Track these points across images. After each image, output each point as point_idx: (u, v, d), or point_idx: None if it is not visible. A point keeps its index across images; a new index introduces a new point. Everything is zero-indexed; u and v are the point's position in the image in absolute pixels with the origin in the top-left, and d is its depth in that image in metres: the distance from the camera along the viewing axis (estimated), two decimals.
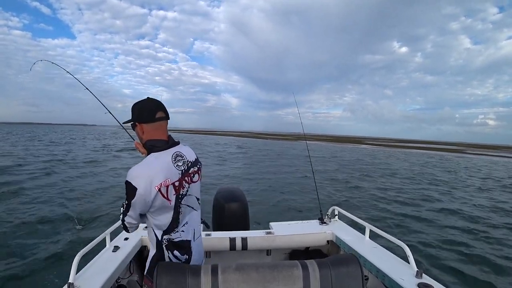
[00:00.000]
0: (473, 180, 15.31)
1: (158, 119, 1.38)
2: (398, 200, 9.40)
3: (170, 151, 1.37)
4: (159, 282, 1.28)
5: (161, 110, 1.40)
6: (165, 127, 1.42)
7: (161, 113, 1.40)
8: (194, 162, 1.46)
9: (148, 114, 1.37)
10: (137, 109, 1.39)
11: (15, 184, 9.18)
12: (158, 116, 1.38)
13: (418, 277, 1.76)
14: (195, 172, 1.45)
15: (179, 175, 1.36)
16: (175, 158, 1.36)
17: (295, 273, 1.34)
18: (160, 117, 1.39)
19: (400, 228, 6.74)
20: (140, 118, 1.38)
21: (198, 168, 1.49)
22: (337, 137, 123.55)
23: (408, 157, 31.61)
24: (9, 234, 5.17)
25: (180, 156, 1.39)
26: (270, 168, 16.56)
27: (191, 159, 1.44)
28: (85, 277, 1.75)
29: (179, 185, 1.35)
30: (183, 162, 1.39)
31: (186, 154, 1.43)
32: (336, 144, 58.22)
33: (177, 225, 1.40)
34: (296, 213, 7.47)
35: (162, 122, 1.40)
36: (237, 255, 2.61)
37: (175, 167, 1.35)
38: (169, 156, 1.36)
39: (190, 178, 1.42)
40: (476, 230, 6.80)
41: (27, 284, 3.69)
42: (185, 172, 1.39)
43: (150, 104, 1.40)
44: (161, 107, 1.40)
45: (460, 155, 41.00)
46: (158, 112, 1.38)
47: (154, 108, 1.38)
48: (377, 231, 2.26)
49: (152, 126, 1.38)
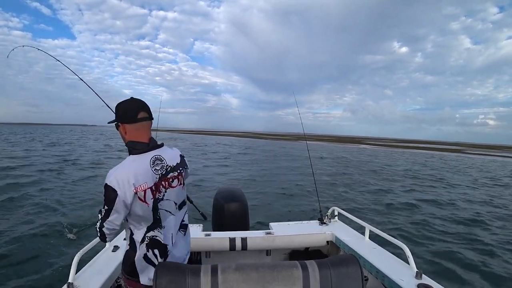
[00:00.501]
0: (477, 179, 15.32)
1: (140, 119, 1.37)
2: (398, 200, 9.39)
3: (149, 154, 1.36)
4: (159, 282, 1.28)
5: (144, 111, 1.39)
6: (147, 128, 1.41)
7: (144, 113, 1.38)
8: (174, 167, 1.43)
9: (131, 114, 1.36)
10: (120, 109, 1.38)
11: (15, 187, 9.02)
12: (140, 116, 1.37)
13: (418, 278, 1.76)
14: (174, 177, 1.42)
15: (156, 179, 1.35)
16: (153, 162, 1.35)
17: (294, 274, 1.34)
18: (143, 117, 1.37)
19: (400, 228, 6.74)
20: (122, 118, 1.37)
21: (179, 173, 1.45)
22: (338, 137, 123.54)
23: (408, 156, 31.61)
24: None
25: (159, 160, 1.37)
26: (271, 168, 16.58)
27: (171, 163, 1.42)
28: (84, 277, 1.76)
29: (155, 189, 1.34)
30: (162, 166, 1.37)
31: (166, 158, 1.40)
32: (336, 144, 58.20)
33: (155, 229, 1.40)
34: (296, 213, 7.46)
35: (144, 122, 1.38)
36: (237, 255, 2.60)
37: (153, 171, 1.34)
38: (148, 159, 1.35)
39: (168, 183, 1.40)
40: (476, 231, 6.80)
41: (27, 284, 3.68)
42: (162, 177, 1.37)
43: (133, 104, 1.39)
44: (144, 107, 1.40)
45: (460, 155, 41.04)
46: (141, 112, 1.37)
47: (136, 108, 1.37)
48: (377, 232, 2.27)
49: (135, 126, 1.36)
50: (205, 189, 9.39)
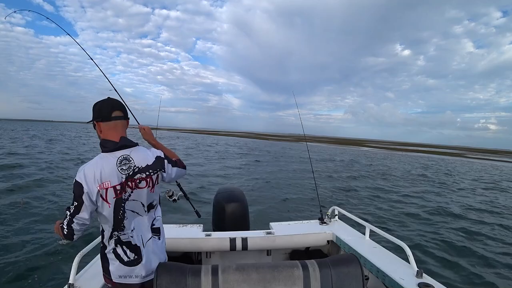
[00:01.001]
0: (476, 182, 15.29)
1: (114, 118, 1.39)
2: (399, 201, 9.37)
3: (117, 153, 1.36)
4: (159, 282, 1.28)
5: (118, 110, 1.42)
6: (121, 127, 1.43)
7: (118, 112, 1.41)
8: (143, 168, 1.40)
9: (105, 113, 1.39)
10: (96, 108, 1.41)
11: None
12: (114, 115, 1.39)
13: (419, 277, 1.76)
14: (142, 178, 1.40)
15: (122, 179, 1.34)
16: (120, 162, 1.35)
17: (295, 273, 1.35)
18: (117, 116, 1.40)
19: (400, 228, 6.73)
20: (97, 117, 1.40)
21: (148, 176, 1.41)
22: (338, 139, 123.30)
23: (409, 160, 31.48)
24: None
25: (127, 160, 1.36)
26: (271, 168, 16.55)
27: (140, 164, 1.39)
28: (85, 277, 1.76)
29: (120, 189, 1.34)
30: (129, 166, 1.36)
31: (135, 158, 1.39)
32: (337, 146, 58.04)
33: (123, 229, 1.39)
34: (296, 213, 7.45)
35: (118, 121, 1.41)
36: (237, 256, 2.60)
37: (119, 170, 1.34)
38: (115, 158, 1.35)
39: (135, 184, 1.38)
40: (476, 231, 6.81)
41: (27, 285, 3.65)
42: (129, 177, 1.36)
43: (107, 103, 1.42)
44: (118, 107, 1.43)
45: (461, 159, 40.95)
46: (115, 111, 1.40)
47: (111, 107, 1.40)
48: (377, 231, 2.27)
49: (108, 125, 1.39)
50: (205, 189, 9.39)
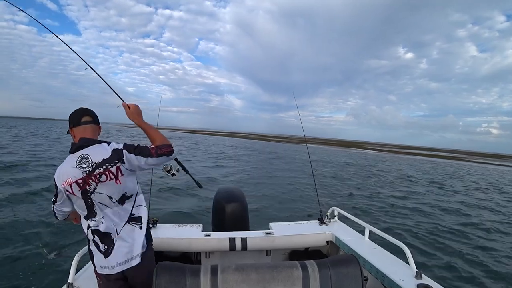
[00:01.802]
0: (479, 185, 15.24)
1: (83, 123, 1.58)
2: (401, 204, 9.33)
3: (78, 153, 1.51)
4: (159, 282, 1.29)
5: (88, 115, 1.61)
6: (90, 131, 1.58)
7: (87, 118, 1.60)
8: (100, 163, 1.49)
9: (75, 119, 1.58)
10: (69, 117, 1.60)
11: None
12: (83, 120, 1.58)
13: (418, 278, 1.76)
14: (101, 172, 1.49)
15: (83, 174, 1.48)
16: (80, 160, 1.49)
17: (294, 274, 1.35)
18: (86, 121, 1.59)
19: (401, 229, 6.74)
20: (70, 124, 1.59)
21: (106, 169, 1.50)
22: (340, 142, 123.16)
23: (412, 163, 31.38)
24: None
25: (85, 158, 1.49)
26: (272, 168, 16.58)
27: (97, 160, 1.49)
28: (84, 277, 1.78)
29: (83, 183, 1.48)
30: (88, 164, 1.49)
31: (92, 155, 1.50)
32: (338, 148, 57.90)
33: (95, 215, 1.54)
34: (295, 213, 7.44)
35: (87, 125, 1.58)
36: (237, 256, 2.60)
37: (78, 168, 1.48)
38: (75, 158, 1.50)
39: (97, 178, 1.49)
40: (476, 231, 6.85)
41: (27, 284, 3.63)
42: (90, 173, 1.48)
43: (78, 110, 1.62)
44: (88, 113, 1.62)
45: (462, 163, 40.82)
46: (84, 117, 1.59)
47: (81, 113, 1.60)
48: (377, 232, 2.27)
49: (78, 129, 1.57)
50: (206, 189, 9.37)
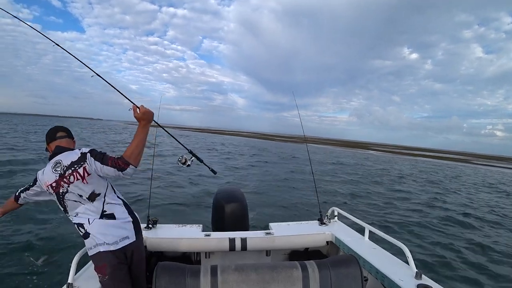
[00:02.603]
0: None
1: (58, 137, 1.82)
2: (403, 205, 9.29)
3: (52, 160, 1.73)
4: (158, 283, 1.30)
5: (62, 131, 1.87)
6: (64, 143, 1.82)
7: (62, 133, 1.86)
8: (68, 165, 1.69)
9: (51, 136, 1.83)
10: (46, 135, 1.85)
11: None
12: (58, 135, 1.83)
13: (418, 278, 1.75)
14: (70, 174, 1.68)
15: (56, 177, 1.69)
16: (54, 165, 1.71)
17: (294, 274, 1.35)
18: (60, 136, 1.84)
19: (401, 229, 6.73)
20: (47, 140, 1.84)
21: (74, 170, 1.68)
22: (343, 142, 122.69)
23: (417, 164, 31.17)
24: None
25: (58, 163, 1.71)
26: (272, 168, 16.52)
27: (67, 163, 1.70)
28: (84, 277, 1.79)
29: (56, 185, 1.70)
30: (61, 167, 1.70)
31: (64, 160, 1.71)
32: (342, 148, 57.67)
33: (68, 212, 1.75)
34: (295, 213, 7.43)
35: (62, 139, 1.83)
36: (237, 256, 2.60)
37: (53, 172, 1.70)
38: (51, 164, 1.73)
39: (67, 179, 1.68)
40: (476, 232, 6.84)
41: (26, 284, 3.61)
42: (62, 175, 1.68)
43: (53, 128, 1.88)
44: (62, 129, 1.89)
45: (468, 165, 40.58)
46: (59, 133, 1.85)
47: (55, 130, 1.86)
48: (377, 232, 2.26)
49: (54, 143, 1.80)
50: (206, 189, 9.43)
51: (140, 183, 8.72)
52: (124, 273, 1.76)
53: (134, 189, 8.08)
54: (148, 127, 1.71)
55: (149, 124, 1.71)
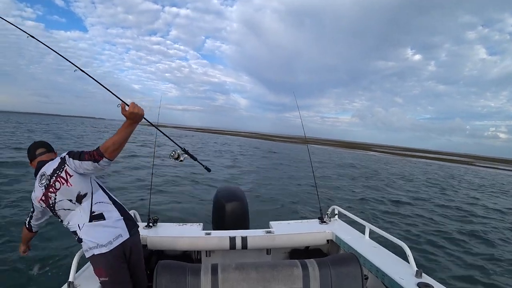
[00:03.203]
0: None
1: (38, 155, 1.86)
2: (406, 207, 9.27)
3: (37, 176, 1.76)
4: (159, 281, 1.30)
5: (41, 147, 1.89)
6: (45, 158, 1.84)
7: (41, 149, 1.88)
8: (51, 173, 1.71)
9: (31, 154, 1.86)
10: (27, 153, 1.89)
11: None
12: (38, 152, 1.86)
13: (418, 276, 1.75)
14: (55, 181, 1.70)
15: (43, 190, 1.72)
16: (40, 178, 1.74)
17: (295, 273, 1.35)
18: (40, 153, 1.86)
19: (402, 229, 6.73)
20: (29, 158, 1.88)
21: (57, 176, 1.70)
22: (346, 143, 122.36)
23: (423, 167, 30.96)
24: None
25: (42, 175, 1.74)
26: (273, 169, 16.50)
27: (49, 172, 1.72)
28: (84, 276, 1.79)
29: (45, 198, 1.72)
30: (45, 178, 1.72)
31: (46, 170, 1.73)
32: (344, 149, 57.53)
33: (62, 222, 1.77)
34: (296, 212, 7.44)
35: (42, 155, 1.86)
36: (237, 254, 2.60)
37: (39, 185, 1.73)
38: (37, 179, 1.75)
39: (54, 188, 1.70)
40: (476, 232, 6.86)
41: (27, 283, 3.60)
42: (48, 186, 1.70)
43: (32, 146, 1.90)
44: (41, 145, 1.90)
45: (470, 167, 40.34)
46: (38, 150, 1.87)
47: (34, 148, 1.88)
48: (377, 231, 2.26)
49: (35, 161, 1.84)
50: (205, 190, 9.44)
51: (140, 184, 8.75)
52: (123, 273, 1.75)
53: (134, 189, 8.11)
54: (134, 127, 1.60)
55: (136, 124, 1.60)
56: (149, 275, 2.17)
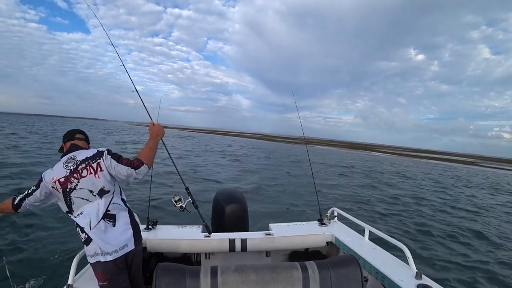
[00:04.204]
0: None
1: (77, 138, 1.93)
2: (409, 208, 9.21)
3: (64, 158, 1.78)
4: (158, 283, 1.30)
5: (81, 134, 1.98)
6: (80, 144, 1.91)
7: (80, 135, 1.96)
8: (83, 160, 1.75)
9: (71, 136, 1.93)
10: (65, 134, 1.95)
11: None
12: (77, 136, 1.94)
13: (418, 278, 1.75)
14: (83, 168, 1.72)
15: (66, 173, 1.70)
16: (66, 161, 1.75)
17: (294, 275, 1.35)
18: (79, 137, 1.94)
19: (401, 229, 6.68)
20: (65, 139, 1.93)
21: (88, 164, 1.74)
22: (349, 143, 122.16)
23: (428, 167, 30.81)
24: None
25: (71, 159, 1.75)
26: (273, 169, 16.50)
27: (81, 158, 1.75)
28: (83, 278, 1.79)
29: (64, 181, 1.69)
30: (74, 163, 1.73)
31: (78, 156, 1.77)
32: (348, 150, 57.37)
33: (72, 212, 1.73)
34: (295, 214, 7.39)
35: (79, 141, 1.92)
36: (237, 257, 2.59)
37: (64, 167, 1.72)
38: (63, 161, 1.76)
39: (79, 174, 1.71)
40: (477, 232, 6.79)
41: (26, 286, 3.49)
42: (74, 170, 1.71)
43: (74, 129, 2.00)
44: (81, 132, 2.00)
45: (477, 168, 40.04)
46: (78, 134, 1.95)
47: (75, 131, 1.97)
48: (377, 232, 2.25)
49: (69, 142, 1.89)
50: (206, 189, 9.43)
51: (140, 184, 8.74)
52: (123, 279, 1.75)
53: (134, 190, 8.11)
54: (157, 140, 1.96)
55: (158, 138, 1.96)
56: (149, 277, 2.16)
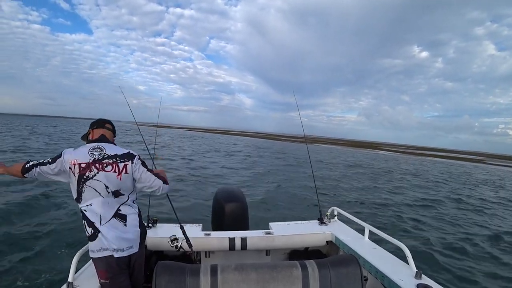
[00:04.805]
0: None
1: (106, 128, 1.94)
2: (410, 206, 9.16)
3: (92, 145, 1.77)
4: (158, 282, 1.30)
5: (110, 124, 1.99)
6: (109, 135, 1.93)
7: (109, 125, 1.98)
8: (112, 156, 1.74)
9: (100, 123, 1.95)
10: (95, 121, 1.98)
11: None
12: (106, 126, 1.96)
13: (417, 278, 1.74)
14: (109, 163, 1.71)
15: (89, 160, 1.69)
16: (93, 149, 1.73)
17: (294, 274, 1.35)
18: (108, 127, 1.96)
19: (401, 229, 6.67)
20: (93, 125, 1.94)
21: (115, 162, 1.72)
22: (353, 142, 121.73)
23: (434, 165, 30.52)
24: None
25: (99, 149, 1.75)
26: (274, 169, 16.45)
27: (110, 153, 1.74)
28: (84, 276, 1.79)
29: (85, 167, 1.67)
30: (100, 153, 1.72)
31: (108, 149, 1.76)
32: (352, 149, 57.12)
33: (80, 201, 1.70)
34: (295, 213, 7.37)
35: (108, 131, 1.94)
36: (237, 255, 2.60)
37: (89, 154, 1.71)
38: (89, 147, 1.75)
39: (102, 166, 1.69)
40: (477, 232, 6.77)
41: (26, 283, 3.54)
42: (97, 160, 1.70)
43: (104, 119, 2.01)
44: (111, 122, 2.01)
45: (480, 165, 39.68)
46: (107, 124, 1.97)
47: (105, 120, 1.99)
48: (377, 232, 2.25)
49: (99, 131, 1.90)
50: (205, 189, 9.44)
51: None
52: (124, 278, 1.76)
53: None
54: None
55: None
56: (149, 275, 2.16)
